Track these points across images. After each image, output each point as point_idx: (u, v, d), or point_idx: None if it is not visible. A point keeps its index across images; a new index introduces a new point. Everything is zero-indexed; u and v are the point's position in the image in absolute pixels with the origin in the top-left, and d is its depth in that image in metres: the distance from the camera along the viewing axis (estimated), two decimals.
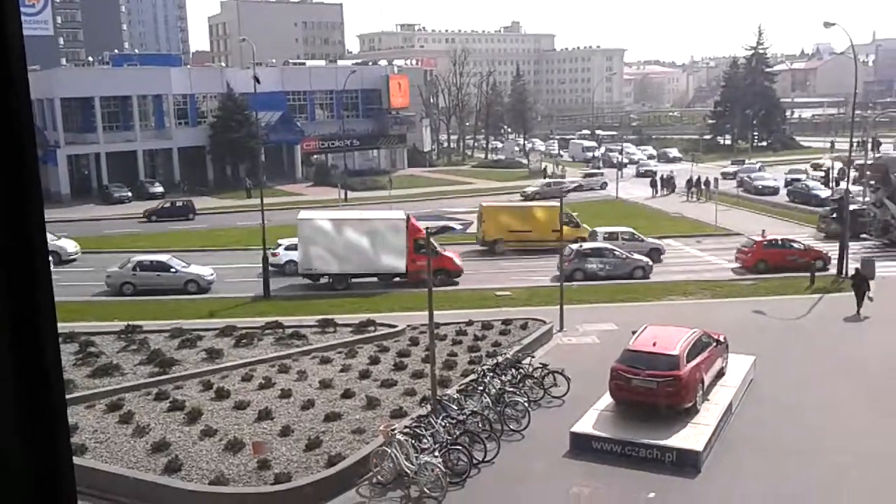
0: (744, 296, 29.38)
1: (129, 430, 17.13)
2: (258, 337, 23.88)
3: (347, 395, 19.07)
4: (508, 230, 38.92)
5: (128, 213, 54.24)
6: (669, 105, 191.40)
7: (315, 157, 74.68)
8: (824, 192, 51.30)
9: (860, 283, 26.91)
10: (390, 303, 29.05)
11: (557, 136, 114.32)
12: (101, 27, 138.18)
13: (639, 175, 71.70)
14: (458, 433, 15.70)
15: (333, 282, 31.95)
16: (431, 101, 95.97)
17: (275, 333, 24.20)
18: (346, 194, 57.79)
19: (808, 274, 30.77)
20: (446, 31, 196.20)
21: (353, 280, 32.08)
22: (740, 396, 18.66)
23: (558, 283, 27.83)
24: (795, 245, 34.25)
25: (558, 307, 25.24)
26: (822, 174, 61.80)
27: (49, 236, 39.53)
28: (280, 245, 35.01)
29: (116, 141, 66.07)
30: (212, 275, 32.43)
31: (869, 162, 48.02)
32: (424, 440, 15.24)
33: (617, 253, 33.85)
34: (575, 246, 34.28)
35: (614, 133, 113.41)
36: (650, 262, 33.82)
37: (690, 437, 16.03)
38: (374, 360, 21.73)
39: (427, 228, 18.02)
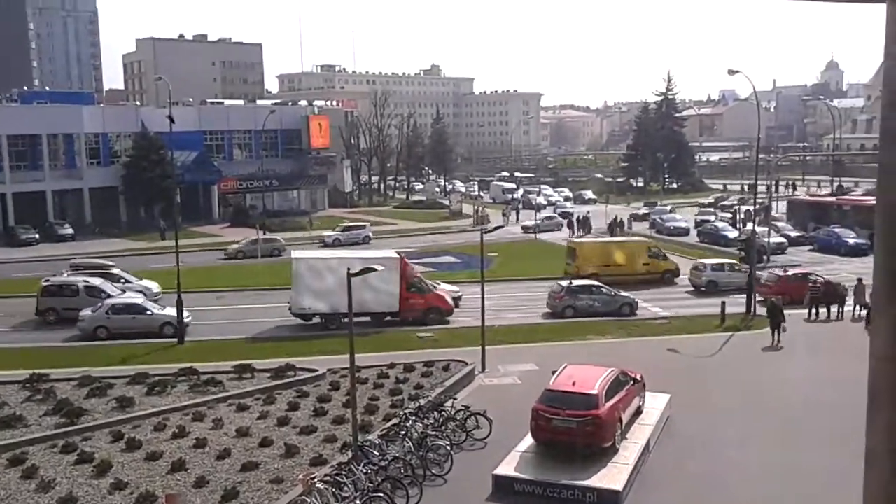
0: (658, 334, 30.11)
1: (32, 485, 16.29)
2: (171, 384, 23.15)
3: (265, 443, 18.61)
4: (602, 264, 40.03)
5: (35, 256, 52.13)
6: (584, 148, 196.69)
7: (233, 197, 73.64)
8: (732, 233, 53.33)
9: (776, 314, 28.18)
10: (311, 347, 28.63)
11: (477, 178, 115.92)
12: (10, 63, 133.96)
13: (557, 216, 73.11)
14: (379, 480, 15.47)
15: (326, 322, 31.50)
16: (352, 141, 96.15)
17: (189, 380, 23.52)
18: (265, 234, 56.96)
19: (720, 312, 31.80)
20: (367, 72, 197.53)
21: (345, 320, 31.56)
22: (658, 434, 19.01)
23: (548, 320, 28.10)
24: (813, 278, 34.80)
25: (480, 348, 25.35)
26: (730, 215, 64.26)
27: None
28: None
29: (24, 181, 63.82)
30: (188, 317, 31.27)
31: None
32: (345, 488, 14.96)
33: (605, 290, 34.80)
34: (565, 283, 35.25)
35: (532, 175, 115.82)
36: (636, 300, 34.73)
37: (610, 476, 16.21)
38: (294, 406, 21.32)
39: (348, 269, 17.89)
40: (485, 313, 26.08)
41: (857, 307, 31.04)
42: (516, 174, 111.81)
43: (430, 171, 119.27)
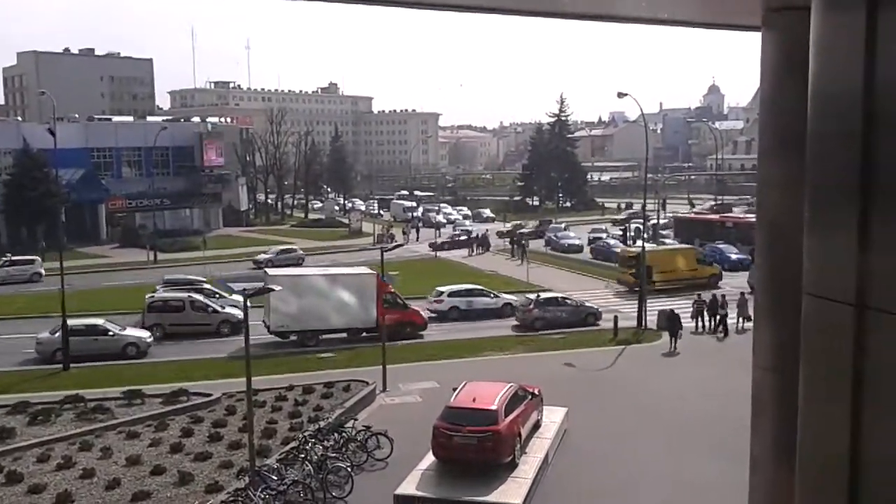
0: (554, 349, 30.70)
1: None
2: (56, 413, 22.00)
3: (157, 471, 17.90)
4: (669, 270, 42.23)
5: None
6: (482, 167, 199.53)
7: (122, 217, 70.96)
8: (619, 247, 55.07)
9: (673, 322, 30.01)
10: (205, 370, 27.80)
11: (377, 196, 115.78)
12: None
13: (455, 235, 73.79)
14: None
15: (303, 339, 31.45)
16: (248, 159, 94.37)
17: (75, 408, 22.41)
18: (155, 256, 55.14)
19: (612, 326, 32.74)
20: (262, 89, 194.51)
21: (323, 336, 31.76)
22: (556, 447, 19.35)
23: (519, 333, 27.96)
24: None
25: (381, 367, 25.22)
26: (621, 232, 66.32)
27: None
28: (442, 293, 37.10)
29: None
30: (150, 338, 31.21)
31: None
32: None
33: (569, 301, 35.97)
34: (532, 296, 36.30)
35: (432, 194, 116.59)
36: (598, 309, 35.69)
37: (510, 491, 16.36)
38: (187, 433, 20.61)
39: (244, 290, 17.50)
40: (384, 332, 26.01)
41: (741, 319, 32.53)
42: (416, 193, 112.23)
43: (329, 190, 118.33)
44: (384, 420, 21.00)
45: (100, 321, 31.74)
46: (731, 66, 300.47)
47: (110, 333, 30.73)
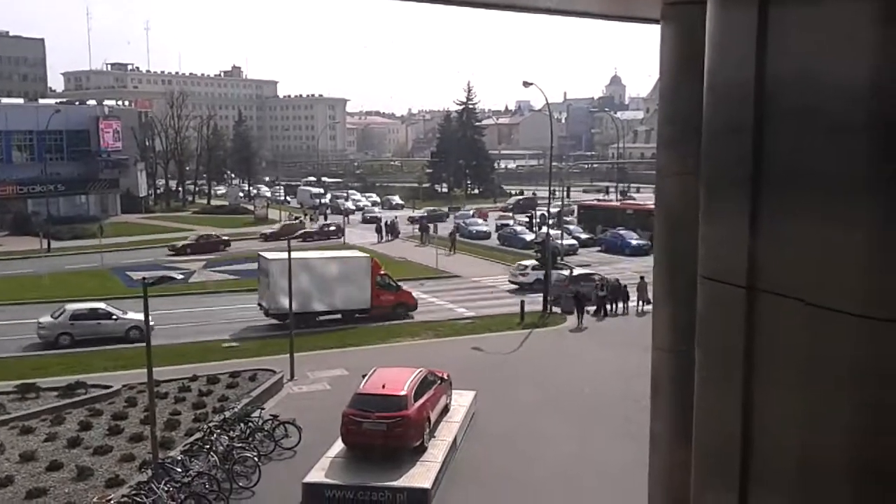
0: (463, 334, 31.04)
1: None
2: None
3: (54, 466, 17.24)
4: None
5: None
6: (390, 154, 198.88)
7: (13, 203, 67.52)
8: (529, 236, 56.09)
9: (581, 301, 32.16)
10: (105, 362, 26.86)
11: (283, 183, 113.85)
12: None
13: (364, 221, 73.48)
14: (182, 497, 14.82)
15: (300, 321, 30.19)
16: (147, 144, 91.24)
17: None
18: (49, 244, 52.74)
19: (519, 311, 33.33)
20: (162, 72, 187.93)
21: (319, 318, 32.22)
22: (464, 430, 19.62)
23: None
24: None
25: (288, 356, 24.94)
26: (527, 219, 67.41)
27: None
28: (526, 266, 39.15)
29: None
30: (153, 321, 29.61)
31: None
32: None
33: (594, 276, 36.90)
34: (566, 272, 37.41)
35: (339, 180, 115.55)
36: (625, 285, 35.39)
37: (419, 475, 16.51)
38: (86, 426, 19.90)
39: (144, 278, 16.99)
40: (294, 320, 25.74)
41: (641, 303, 33.64)
42: (324, 179, 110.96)
43: (233, 176, 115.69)
44: (292, 409, 20.81)
45: (102, 305, 31.56)
46: (633, 57, 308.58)
47: (113, 317, 30.61)
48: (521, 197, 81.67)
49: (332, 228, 64.58)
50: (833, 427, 4.61)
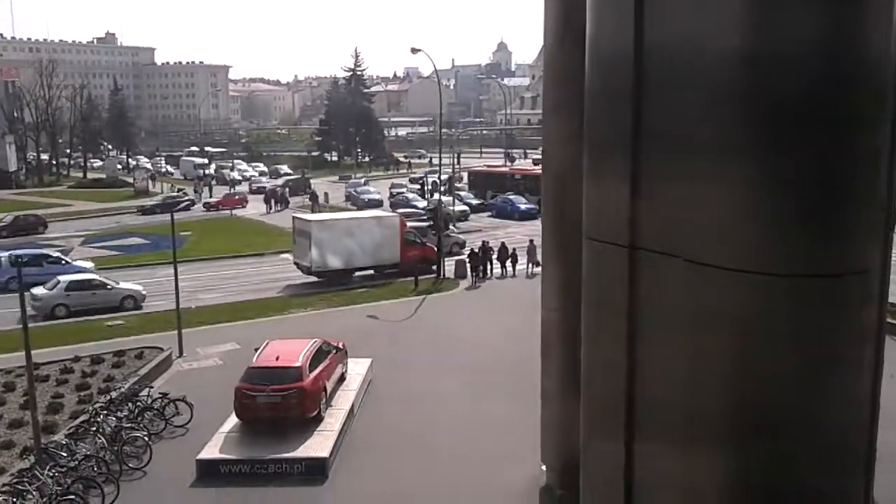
0: (358, 303, 30.97)
1: None
2: None
3: None
4: None
5: None
6: (277, 122, 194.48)
7: None
8: (421, 203, 56.28)
9: (475, 260, 33.80)
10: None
11: (165, 153, 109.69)
12: None
13: (252, 192, 71.83)
14: (69, 482, 14.26)
15: (340, 276, 34.00)
16: (15, 115, 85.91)
17: None
18: None
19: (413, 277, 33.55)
20: (29, 39, 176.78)
21: (356, 275, 34.75)
22: (361, 398, 19.69)
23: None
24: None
25: (177, 332, 24.28)
26: (419, 186, 67.59)
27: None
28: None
29: None
30: (144, 290, 31.91)
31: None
32: (29, 496, 13.61)
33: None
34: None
35: (224, 150, 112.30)
36: None
37: (317, 445, 16.51)
38: None
39: (18, 258, 16.14)
40: (179, 295, 25.01)
41: (531, 265, 34.44)
42: (207, 149, 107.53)
43: (111, 147, 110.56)
44: (182, 386, 20.32)
45: (96, 275, 32.29)
46: (519, 24, 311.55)
47: (108, 287, 31.17)
48: (430, 169, 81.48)
49: (237, 198, 63.12)
50: (713, 378, 4.91)
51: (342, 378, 19.99)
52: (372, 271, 35.34)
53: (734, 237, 4.79)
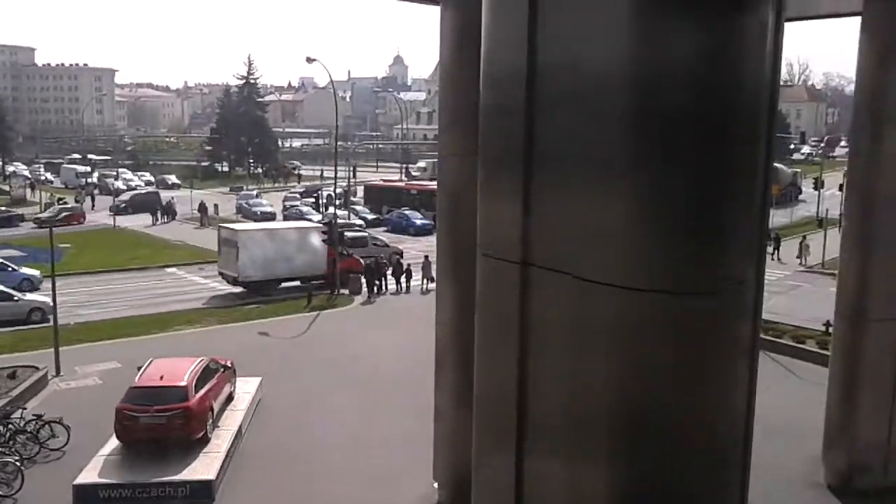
0: (249, 319, 30.26)
1: None
2: None
3: None
4: None
5: None
6: (165, 130, 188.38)
7: None
8: (316, 216, 55.69)
9: (371, 274, 33.95)
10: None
11: (44, 160, 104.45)
12: None
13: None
14: None
15: (264, 288, 33.95)
16: None
17: None
18: None
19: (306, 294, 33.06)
20: None
21: (280, 285, 34.63)
22: (249, 418, 19.17)
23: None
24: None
25: (53, 350, 23.03)
26: (313, 200, 66.82)
27: None
28: None
29: None
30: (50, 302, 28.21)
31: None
32: None
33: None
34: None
35: (108, 158, 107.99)
36: None
37: (203, 467, 15.95)
38: None
39: None
40: (57, 311, 23.77)
41: (425, 280, 34.55)
42: (90, 157, 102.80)
43: None
44: (59, 407, 19.25)
45: (1, 287, 30.27)
46: (415, 38, 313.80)
47: (15, 299, 29.72)
48: (311, 184, 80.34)
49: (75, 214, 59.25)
50: (598, 387, 5.01)
51: (230, 397, 19.42)
52: (298, 282, 35.05)
53: (616, 253, 4.92)
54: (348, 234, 41.34)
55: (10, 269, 34.57)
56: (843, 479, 15.33)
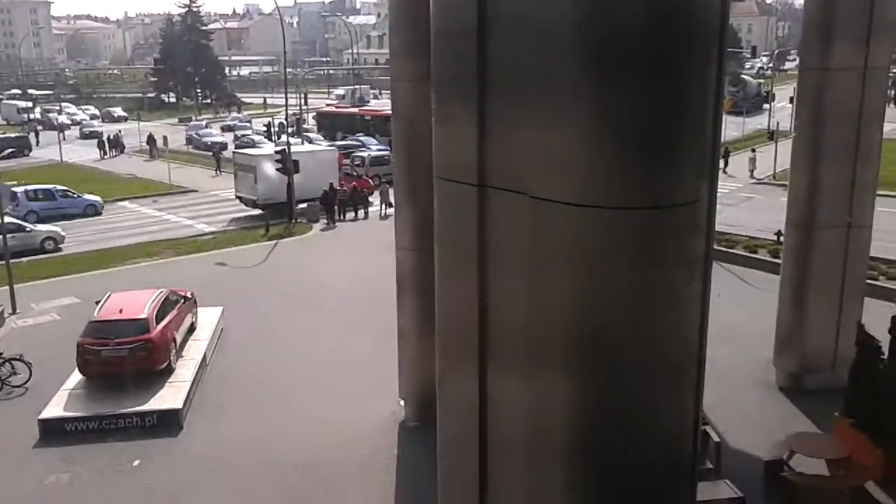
0: (206, 250, 30.04)
1: None
2: None
3: None
4: None
5: None
6: (107, 62, 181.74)
7: None
8: (269, 146, 54.83)
9: (330, 200, 34.02)
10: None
11: None
12: None
13: (83, 136, 67.36)
14: None
15: (282, 208, 34.42)
16: None
17: None
18: None
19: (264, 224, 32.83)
20: None
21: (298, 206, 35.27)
22: (213, 347, 19.28)
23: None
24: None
25: (7, 287, 22.72)
26: (265, 128, 65.61)
27: None
28: None
29: None
30: (63, 231, 31.89)
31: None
32: None
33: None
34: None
35: (50, 92, 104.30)
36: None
37: (169, 396, 16.09)
38: None
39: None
40: (8, 247, 23.36)
41: (384, 206, 34.50)
42: (31, 92, 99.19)
43: None
44: (18, 344, 19.10)
45: (11, 218, 29.75)
46: None
47: (27, 229, 30.54)
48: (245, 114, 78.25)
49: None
50: (555, 306, 5.17)
51: (192, 328, 19.46)
52: (318, 202, 35.89)
53: (571, 172, 5.00)
54: (371, 153, 44.11)
55: (74, 195, 37.78)
56: (794, 381, 16.07)
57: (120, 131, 63.51)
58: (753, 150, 43.58)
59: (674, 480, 5.58)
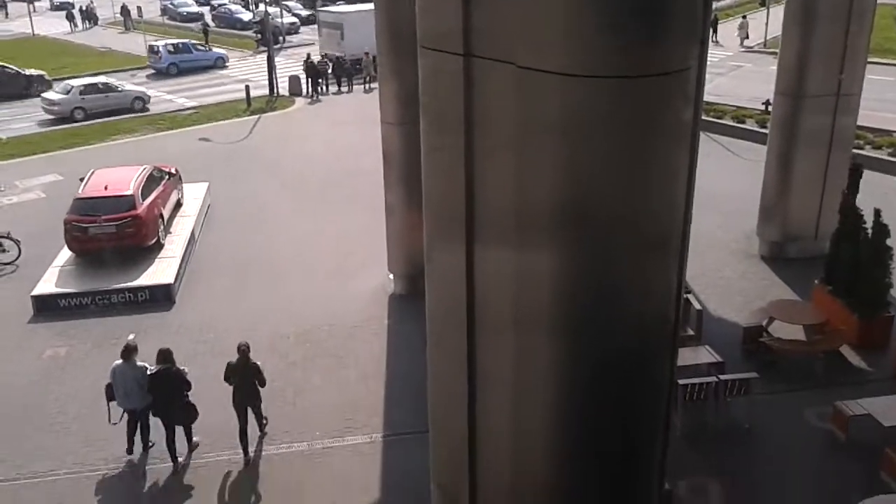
0: (187, 126, 29.55)
1: None
2: None
3: None
4: None
5: None
6: None
7: None
8: (247, 16, 52.95)
9: (317, 74, 33.38)
10: None
11: None
12: None
13: (54, 8, 64.73)
14: None
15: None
16: None
17: None
18: None
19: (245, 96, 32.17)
20: None
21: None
22: (201, 223, 19.30)
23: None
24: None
25: None
26: None
27: None
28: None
29: None
30: (148, 92, 33.29)
31: None
32: None
33: None
34: None
35: None
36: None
37: (159, 271, 16.26)
38: None
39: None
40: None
41: (368, 78, 33.80)
42: None
43: None
44: (4, 222, 19.07)
45: (106, 78, 33.41)
46: None
47: (119, 90, 32.19)
48: None
49: None
50: (542, 177, 5.15)
51: (178, 204, 19.42)
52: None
53: (559, 40, 4.86)
54: None
55: (206, 48, 41.19)
56: (777, 250, 16.35)
57: (92, 2, 60.99)
58: (744, 17, 42.39)
59: (656, 348, 5.75)
